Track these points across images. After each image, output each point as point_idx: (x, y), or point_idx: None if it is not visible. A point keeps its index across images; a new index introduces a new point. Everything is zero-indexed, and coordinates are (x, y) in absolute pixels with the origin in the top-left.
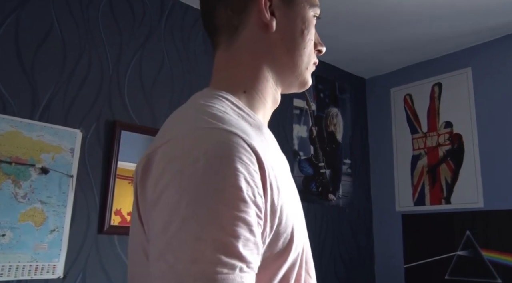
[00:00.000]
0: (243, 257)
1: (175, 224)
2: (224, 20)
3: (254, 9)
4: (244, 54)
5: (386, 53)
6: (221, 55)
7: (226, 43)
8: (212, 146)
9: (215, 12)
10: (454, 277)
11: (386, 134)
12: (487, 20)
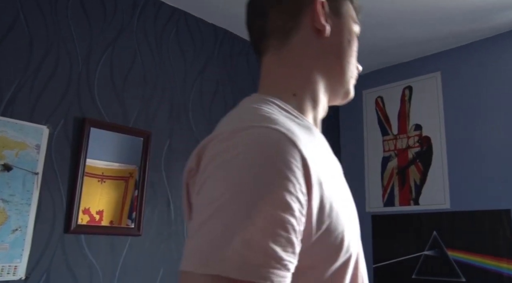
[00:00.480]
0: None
1: (211, 212)
2: (276, 24)
3: (308, 14)
4: (296, 57)
5: (359, 55)
6: (270, 59)
7: (276, 47)
8: (256, 142)
9: (267, 16)
10: (421, 276)
11: (358, 135)
12: (456, 26)
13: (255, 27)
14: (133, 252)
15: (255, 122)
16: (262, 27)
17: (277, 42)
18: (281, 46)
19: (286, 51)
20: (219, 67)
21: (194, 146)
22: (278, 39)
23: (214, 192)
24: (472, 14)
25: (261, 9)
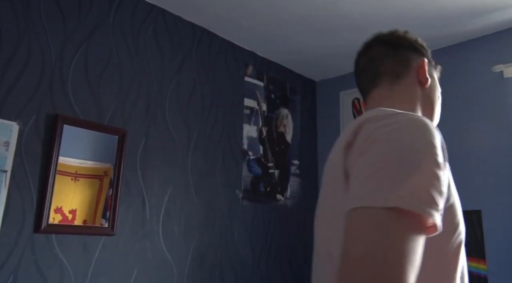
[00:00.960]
0: (437, 202)
1: (383, 164)
2: (390, 68)
3: (415, 67)
4: (405, 96)
5: (337, 57)
6: (383, 91)
7: (388, 84)
8: (412, 120)
9: (383, 61)
10: None
11: (335, 136)
12: (429, 31)
13: (369, 69)
14: (106, 252)
15: (403, 112)
16: (377, 69)
17: (389, 81)
18: (392, 84)
19: (397, 90)
20: (197, 66)
21: (170, 145)
22: (391, 79)
23: (384, 149)
24: (444, 20)
25: (378, 57)
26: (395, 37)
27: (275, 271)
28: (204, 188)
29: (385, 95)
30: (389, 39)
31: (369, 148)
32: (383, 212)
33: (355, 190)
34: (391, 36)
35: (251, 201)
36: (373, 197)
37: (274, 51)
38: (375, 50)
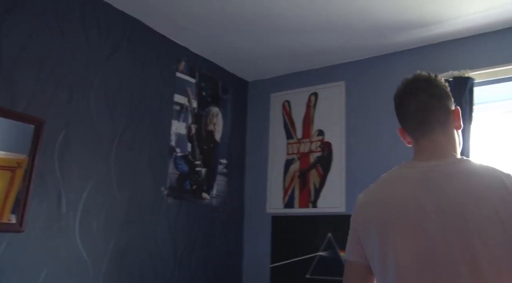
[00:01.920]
0: None
1: None
2: (438, 118)
3: (451, 115)
4: (452, 139)
5: (270, 58)
6: (441, 136)
7: (441, 130)
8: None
9: (431, 112)
10: (314, 276)
11: (263, 137)
12: (361, 40)
13: (419, 116)
14: (11, 250)
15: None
16: (430, 118)
17: (440, 128)
18: (444, 131)
19: (447, 134)
20: (127, 57)
21: (94, 137)
22: (441, 126)
23: None
24: (376, 31)
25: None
26: (442, 87)
27: (198, 271)
28: (127, 184)
29: (443, 140)
30: (436, 90)
31: None
32: None
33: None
34: (438, 86)
35: (176, 198)
36: None
37: (208, 48)
38: (424, 100)
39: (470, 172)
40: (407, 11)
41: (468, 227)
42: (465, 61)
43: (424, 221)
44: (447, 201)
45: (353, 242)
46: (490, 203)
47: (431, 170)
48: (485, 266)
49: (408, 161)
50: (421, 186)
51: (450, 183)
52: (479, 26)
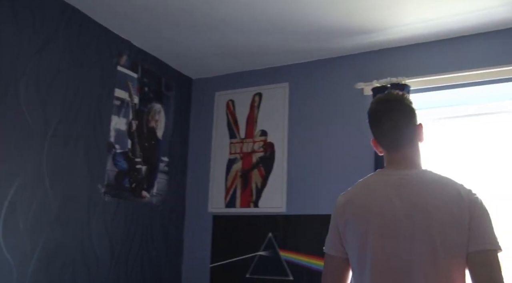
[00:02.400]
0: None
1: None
2: (408, 134)
3: (418, 132)
4: (418, 151)
5: (215, 57)
6: (409, 150)
7: (410, 145)
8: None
9: (403, 130)
10: (254, 275)
11: (206, 136)
12: (305, 43)
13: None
14: None
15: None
16: (399, 134)
17: (410, 143)
18: (412, 146)
19: (415, 149)
20: (64, 48)
21: (23, 130)
22: (410, 142)
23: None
24: (320, 35)
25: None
26: (410, 107)
27: (135, 272)
28: (60, 180)
29: (411, 154)
30: (406, 110)
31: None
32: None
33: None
34: (407, 106)
35: (114, 196)
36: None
37: (152, 43)
38: (396, 119)
39: (433, 182)
40: (350, 18)
41: (430, 227)
42: (402, 69)
43: (396, 221)
44: (414, 205)
45: (334, 238)
46: (448, 208)
47: (402, 178)
48: (442, 259)
49: (382, 169)
50: (394, 191)
51: (417, 190)
52: (418, 36)
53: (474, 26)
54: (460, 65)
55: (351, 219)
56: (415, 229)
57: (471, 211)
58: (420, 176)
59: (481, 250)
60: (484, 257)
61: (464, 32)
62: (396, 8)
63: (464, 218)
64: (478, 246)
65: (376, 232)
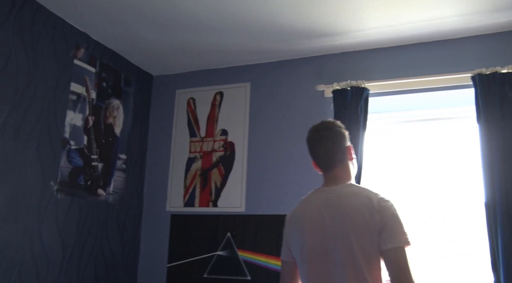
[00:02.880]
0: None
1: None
2: (338, 157)
3: (347, 152)
4: (347, 169)
5: (177, 54)
6: (339, 170)
7: (340, 165)
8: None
9: (335, 154)
10: (211, 275)
11: (166, 134)
12: (268, 44)
13: (326, 157)
14: None
15: (381, 195)
16: (333, 158)
17: (340, 164)
18: (342, 165)
19: (344, 168)
20: (14, 37)
21: None
22: (340, 163)
23: (400, 222)
24: (282, 36)
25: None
26: (340, 133)
27: (88, 272)
28: (9, 177)
29: (341, 172)
30: (335, 136)
31: (391, 220)
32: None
33: (400, 235)
34: (337, 132)
35: (68, 194)
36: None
37: (112, 37)
38: (327, 146)
39: (352, 193)
40: (312, 20)
41: (348, 230)
42: (362, 72)
43: (323, 226)
44: (337, 212)
45: (284, 246)
46: (362, 214)
47: (330, 193)
48: (359, 256)
49: (319, 187)
50: (323, 203)
51: (339, 200)
52: (378, 41)
53: (431, 34)
54: (417, 71)
55: (294, 229)
56: (337, 231)
57: (381, 215)
58: (343, 189)
59: (390, 248)
60: (393, 253)
61: (422, 39)
62: (358, 13)
63: (374, 220)
64: (387, 244)
65: (309, 235)
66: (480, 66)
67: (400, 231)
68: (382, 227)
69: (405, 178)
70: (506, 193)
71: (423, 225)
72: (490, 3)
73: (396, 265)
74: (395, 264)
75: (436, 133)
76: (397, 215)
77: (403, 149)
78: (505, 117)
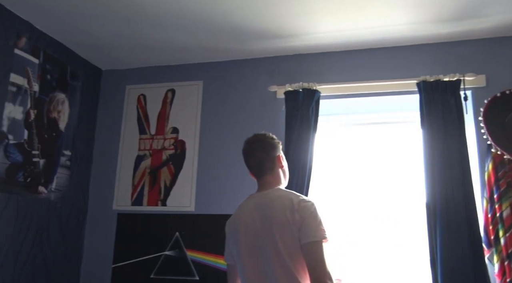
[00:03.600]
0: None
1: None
2: (268, 166)
3: (277, 161)
4: (277, 176)
5: (128, 49)
6: (269, 177)
7: (270, 173)
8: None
9: (264, 163)
10: (158, 276)
11: (115, 130)
12: (221, 43)
13: (257, 165)
14: None
15: (303, 196)
16: (262, 166)
17: (270, 172)
18: (272, 173)
19: (274, 175)
20: None
21: None
22: (270, 171)
23: (318, 220)
24: (235, 35)
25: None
26: (270, 144)
27: (25, 274)
28: None
29: (271, 180)
30: (266, 148)
31: (310, 217)
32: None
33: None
34: (267, 144)
35: (4, 191)
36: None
37: (58, 28)
38: (258, 157)
39: (277, 196)
40: (266, 21)
41: (273, 228)
42: (314, 75)
43: (254, 227)
44: (265, 214)
45: (226, 249)
46: (284, 214)
47: (261, 197)
48: (283, 251)
49: (253, 193)
50: (255, 206)
51: (267, 203)
52: (331, 44)
53: (380, 41)
54: (367, 75)
55: (231, 232)
56: (265, 230)
57: (300, 213)
58: (271, 193)
59: (308, 242)
60: (310, 246)
61: (371, 45)
62: (311, 16)
63: (295, 219)
64: (305, 239)
65: (243, 236)
66: (425, 74)
67: (317, 227)
68: (301, 224)
69: (352, 179)
70: (446, 195)
71: (367, 225)
72: (435, 14)
73: (313, 257)
74: (312, 256)
75: (384, 136)
76: (315, 213)
77: (351, 151)
78: (446, 123)
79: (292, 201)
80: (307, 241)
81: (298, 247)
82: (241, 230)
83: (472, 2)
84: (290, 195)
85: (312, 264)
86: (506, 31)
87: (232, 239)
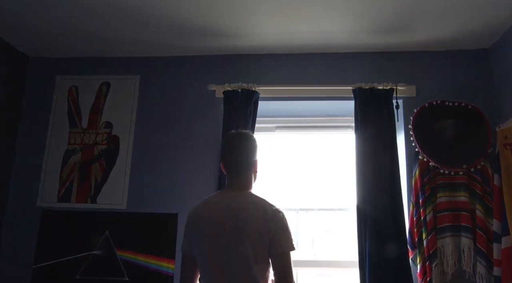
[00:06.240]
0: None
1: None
2: (244, 168)
3: (253, 166)
4: (249, 180)
5: (59, 36)
6: (243, 179)
7: (245, 175)
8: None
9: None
10: (85, 276)
11: (42, 123)
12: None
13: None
14: None
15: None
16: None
17: (244, 173)
18: (246, 175)
19: (248, 177)
20: None
21: None
22: (245, 172)
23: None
24: (176, 31)
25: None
26: (251, 145)
27: None
28: None
29: (244, 182)
30: (247, 148)
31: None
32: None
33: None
34: (249, 144)
35: None
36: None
37: None
38: (237, 157)
39: (251, 202)
40: (206, 19)
41: (244, 235)
42: (253, 76)
43: (223, 227)
44: (237, 219)
45: (184, 241)
46: (256, 221)
47: (233, 198)
48: (251, 257)
49: (222, 190)
50: (225, 207)
51: (240, 208)
52: (270, 46)
53: (319, 46)
54: (305, 79)
55: (194, 226)
56: (235, 234)
57: (272, 224)
58: (244, 198)
59: (278, 253)
60: (280, 258)
61: (310, 50)
62: (252, 18)
63: (266, 228)
64: (276, 250)
65: (209, 235)
66: (361, 81)
67: (288, 239)
68: (273, 235)
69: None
70: (375, 198)
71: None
72: (372, 25)
73: (282, 266)
74: (281, 266)
75: (319, 139)
76: (286, 225)
77: (286, 153)
78: (379, 130)
79: (266, 211)
80: (278, 251)
81: (266, 256)
82: (208, 228)
83: (402, 16)
84: (264, 203)
85: (281, 273)
86: (432, 46)
87: (195, 235)
